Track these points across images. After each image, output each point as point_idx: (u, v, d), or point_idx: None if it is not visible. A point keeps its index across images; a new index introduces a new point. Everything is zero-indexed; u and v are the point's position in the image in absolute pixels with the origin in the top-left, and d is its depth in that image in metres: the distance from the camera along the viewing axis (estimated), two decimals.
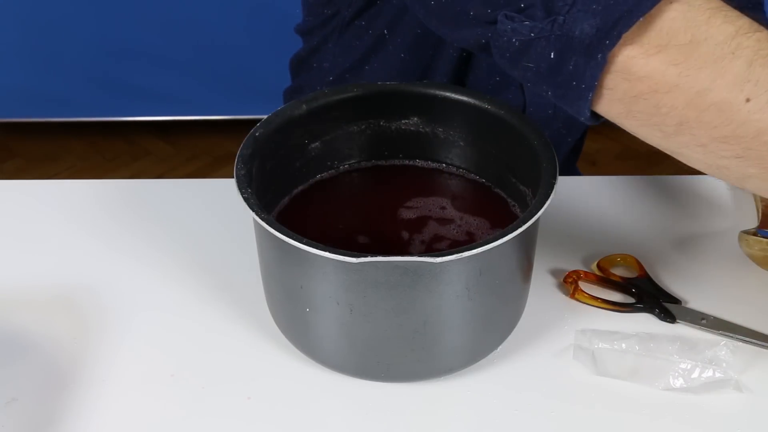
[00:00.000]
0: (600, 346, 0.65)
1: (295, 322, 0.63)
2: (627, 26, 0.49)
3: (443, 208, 0.70)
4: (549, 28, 0.51)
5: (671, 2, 0.50)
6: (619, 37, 0.49)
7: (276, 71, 1.54)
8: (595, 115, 0.55)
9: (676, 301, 0.70)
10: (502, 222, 0.68)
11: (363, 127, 0.72)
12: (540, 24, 0.51)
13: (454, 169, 0.74)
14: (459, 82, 0.84)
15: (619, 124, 0.55)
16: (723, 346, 0.64)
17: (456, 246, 0.66)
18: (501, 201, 0.71)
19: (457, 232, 0.68)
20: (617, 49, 0.50)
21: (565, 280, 0.72)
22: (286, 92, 0.99)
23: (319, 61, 0.88)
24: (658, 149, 0.57)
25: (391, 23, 0.80)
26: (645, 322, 0.69)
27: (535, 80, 0.55)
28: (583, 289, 0.71)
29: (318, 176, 0.73)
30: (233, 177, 0.60)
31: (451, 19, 0.58)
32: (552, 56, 0.52)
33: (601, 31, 0.50)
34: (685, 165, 0.58)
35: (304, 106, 0.68)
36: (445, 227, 0.68)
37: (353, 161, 0.74)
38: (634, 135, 0.56)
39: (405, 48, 0.81)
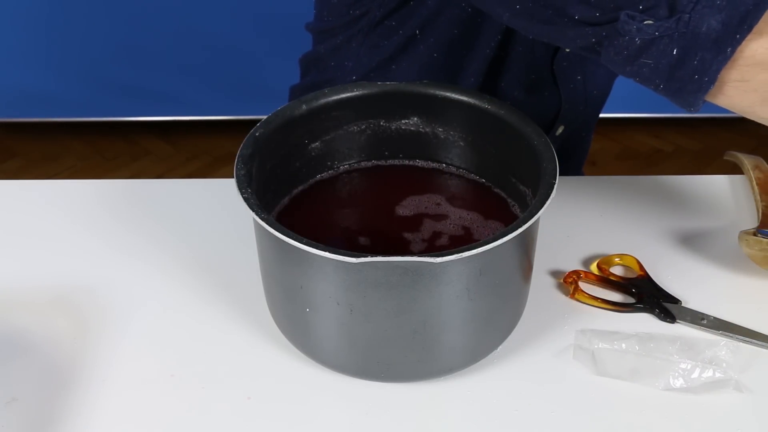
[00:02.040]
0: (600, 346, 0.65)
1: (295, 322, 0.63)
2: (756, 18, 0.51)
3: (443, 208, 0.70)
4: (674, 26, 0.53)
5: None
6: (750, 30, 0.51)
7: (276, 71, 1.55)
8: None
9: (676, 301, 0.70)
10: (501, 221, 0.69)
11: (363, 127, 0.72)
12: (665, 23, 0.53)
13: (454, 169, 0.74)
14: (492, 81, 0.84)
15: (744, 113, 0.56)
16: (723, 346, 0.64)
17: (456, 242, 0.66)
18: (501, 201, 0.71)
19: (453, 227, 0.68)
20: (746, 42, 0.52)
21: (565, 280, 0.72)
22: (294, 89, 0.99)
23: (340, 60, 0.88)
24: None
25: (425, 23, 0.80)
26: (645, 322, 0.69)
27: (649, 76, 0.55)
28: (582, 289, 0.71)
29: (318, 176, 0.73)
30: (233, 177, 0.60)
31: (545, 20, 0.58)
32: (675, 53, 0.53)
33: (729, 26, 0.51)
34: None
35: (304, 106, 0.68)
36: (446, 227, 0.68)
37: (353, 161, 0.74)
38: (760, 121, 0.57)
39: (438, 48, 0.82)
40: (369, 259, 0.53)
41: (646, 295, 0.71)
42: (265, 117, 0.66)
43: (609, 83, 0.94)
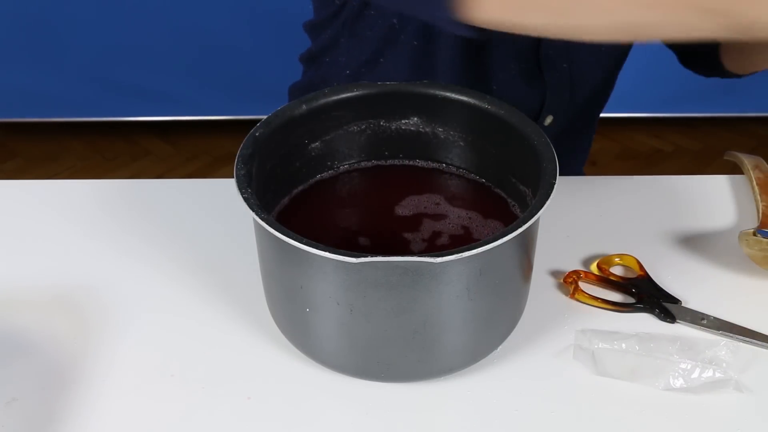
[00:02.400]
0: (600, 346, 0.65)
1: (295, 322, 0.63)
2: None
3: (443, 207, 0.70)
4: None
5: None
6: None
7: (276, 71, 1.55)
8: (471, 27, 0.53)
9: (676, 301, 0.70)
10: (501, 221, 0.69)
11: (363, 127, 0.72)
12: None
13: (454, 169, 0.74)
14: (480, 69, 0.84)
15: (516, 29, 0.53)
16: (723, 346, 0.64)
17: (456, 241, 0.66)
18: (501, 201, 0.71)
19: (453, 227, 0.68)
20: None
21: (565, 280, 0.72)
22: (293, 88, 0.99)
23: (334, 56, 0.89)
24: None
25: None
26: (645, 322, 0.69)
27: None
28: (583, 289, 0.71)
29: (318, 176, 0.73)
30: (233, 177, 0.60)
31: None
32: None
33: None
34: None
35: (304, 106, 0.68)
36: (446, 227, 0.68)
37: (353, 161, 0.74)
38: (535, 33, 0.53)
39: (417, 35, 0.81)
40: (369, 259, 0.53)
41: (646, 295, 0.71)
42: (265, 117, 0.66)
43: (598, 72, 0.92)
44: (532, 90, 0.87)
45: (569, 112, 0.91)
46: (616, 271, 0.74)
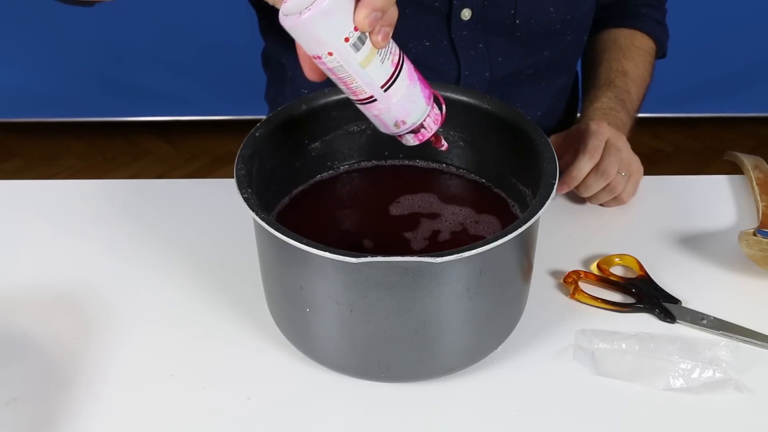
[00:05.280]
0: (600, 346, 0.65)
1: (295, 322, 0.63)
2: None
3: (443, 207, 0.70)
4: None
5: None
6: None
7: None
8: None
9: (676, 301, 0.70)
10: (501, 220, 0.69)
11: (363, 127, 0.72)
12: None
13: (454, 169, 0.74)
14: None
15: None
16: (723, 346, 0.64)
17: (457, 240, 0.66)
18: (501, 201, 0.71)
19: (454, 226, 0.68)
20: None
21: (565, 281, 0.72)
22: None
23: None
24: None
25: None
26: (645, 322, 0.69)
27: None
28: (583, 289, 0.71)
29: (318, 176, 0.73)
30: (233, 177, 0.60)
31: None
32: None
33: None
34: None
35: (304, 106, 0.68)
36: (447, 226, 0.68)
37: (353, 161, 0.74)
38: None
39: None
40: (369, 259, 0.53)
41: (646, 295, 0.71)
42: (265, 117, 0.66)
43: (514, 52, 0.88)
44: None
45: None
46: (616, 271, 0.74)
